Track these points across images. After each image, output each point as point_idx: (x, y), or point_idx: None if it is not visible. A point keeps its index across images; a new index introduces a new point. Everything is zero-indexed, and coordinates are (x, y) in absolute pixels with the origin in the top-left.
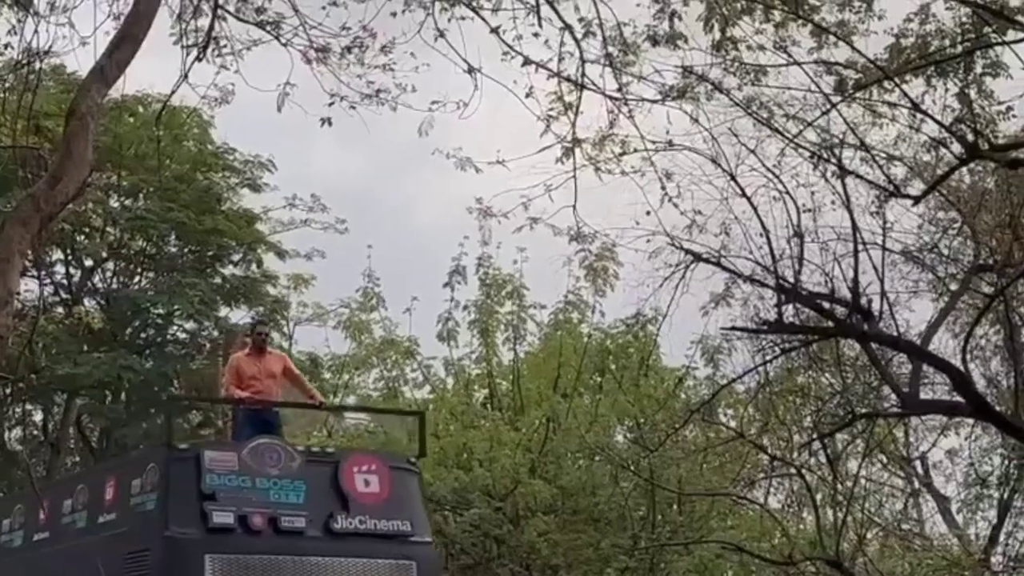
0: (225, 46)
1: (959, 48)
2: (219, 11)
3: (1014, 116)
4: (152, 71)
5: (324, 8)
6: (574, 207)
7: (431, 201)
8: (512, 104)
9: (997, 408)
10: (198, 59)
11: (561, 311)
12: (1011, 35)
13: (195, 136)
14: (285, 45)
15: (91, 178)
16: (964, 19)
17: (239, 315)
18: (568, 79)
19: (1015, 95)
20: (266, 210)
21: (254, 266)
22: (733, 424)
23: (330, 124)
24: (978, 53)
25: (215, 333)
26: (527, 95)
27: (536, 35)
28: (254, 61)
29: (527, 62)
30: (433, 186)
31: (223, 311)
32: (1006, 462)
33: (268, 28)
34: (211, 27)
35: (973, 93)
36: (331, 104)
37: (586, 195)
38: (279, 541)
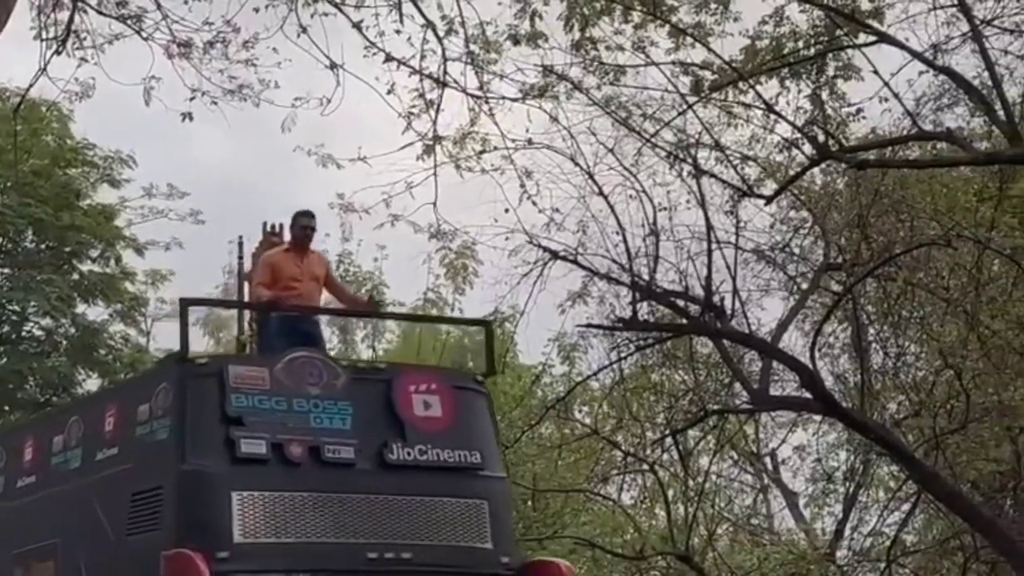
0: (86, 39)
1: (812, 51)
2: (79, 4)
3: (864, 118)
4: (11, 64)
5: (187, 3)
6: (434, 204)
7: (303, 195)
8: (375, 101)
9: (844, 405)
10: (57, 52)
11: (420, 309)
12: (862, 38)
13: (55, 131)
14: (147, 39)
15: None
16: (817, 22)
17: (96, 312)
18: (430, 76)
19: (865, 97)
20: (123, 201)
21: (112, 262)
22: (588, 421)
23: (191, 119)
24: (830, 56)
25: (72, 331)
26: (389, 92)
27: (398, 32)
28: (116, 55)
29: (389, 59)
30: (305, 180)
31: (80, 308)
32: (852, 458)
33: (129, 22)
34: (71, 20)
35: (825, 95)
36: (192, 99)
37: (447, 192)
38: (322, 475)
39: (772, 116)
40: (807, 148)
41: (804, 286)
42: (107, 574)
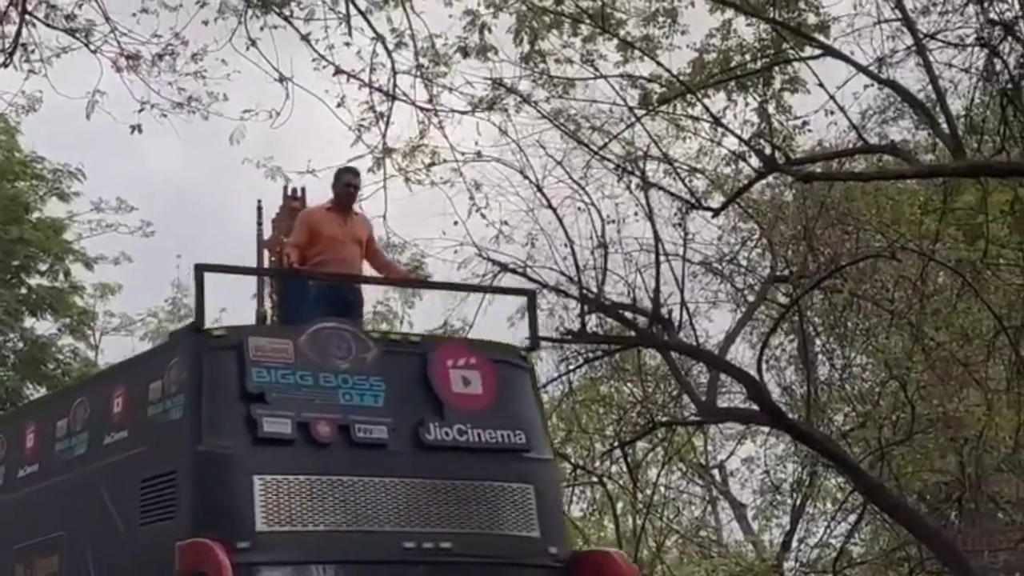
0: (33, 52)
1: (759, 64)
2: (27, 17)
3: (810, 131)
4: None
5: (135, 15)
6: (384, 217)
7: (253, 208)
8: (325, 113)
9: (791, 416)
10: (4, 65)
11: (370, 322)
12: (808, 52)
13: (2, 144)
14: (95, 52)
15: None
16: (764, 36)
17: (45, 326)
18: (379, 89)
19: (812, 110)
20: (71, 215)
21: (61, 276)
22: None
23: (140, 131)
24: (777, 69)
25: (20, 345)
26: (339, 105)
27: (348, 45)
28: (65, 67)
29: (338, 72)
30: (255, 193)
31: (28, 322)
32: (799, 469)
33: (78, 35)
34: (18, 33)
35: (772, 108)
36: (140, 111)
37: (396, 205)
38: (353, 456)
39: (720, 129)
40: (754, 161)
41: (751, 298)
42: (117, 568)
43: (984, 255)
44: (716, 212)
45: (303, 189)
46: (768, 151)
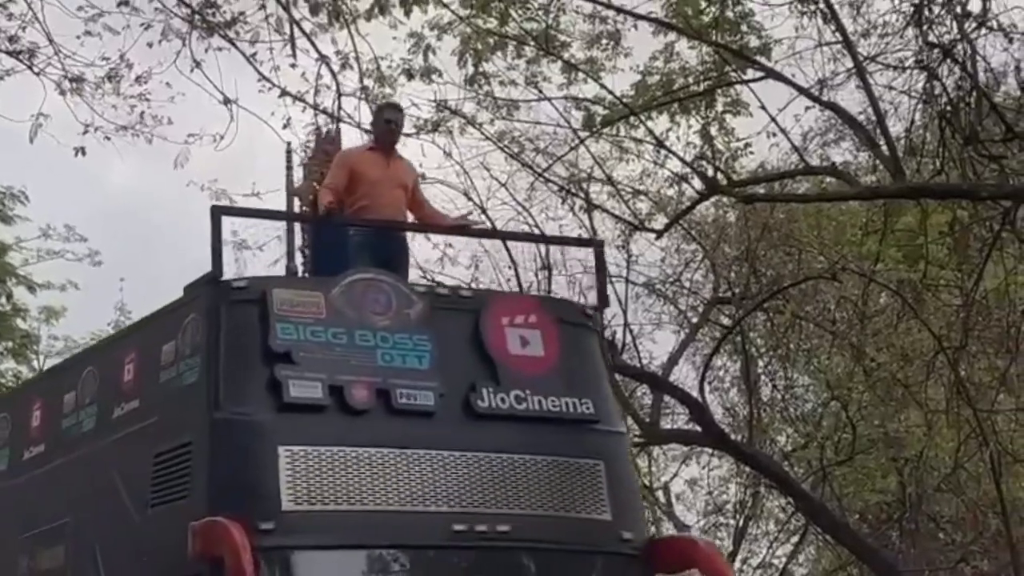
0: None
1: (702, 86)
2: None
3: (752, 153)
4: None
5: (79, 37)
6: None
7: (199, 231)
8: (270, 136)
9: (734, 438)
10: None
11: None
12: (750, 74)
13: None
14: (38, 75)
15: None
16: (706, 58)
17: None
18: (324, 111)
19: (754, 132)
20: (18, 240)
21: (3, 299)
22: None
23: (84, 154)
24: (719, 92)
25: None
26: (284, 127)
27: (293, 67)
28: (7, 90)
29: (284, 93)
30: (202, 216)
31: None
32: (742, 490)
33: (21, 57)
34: None
35: (714, 130)
36: (84, 133)
37: None
38: (394, 425)
39: (663, 151)
40: (697, 183)
41: (695, 319)
42: (127, 557)
43: (924, 276)
44: (659, 234)
45: (338, 131)
46: (711, 173)
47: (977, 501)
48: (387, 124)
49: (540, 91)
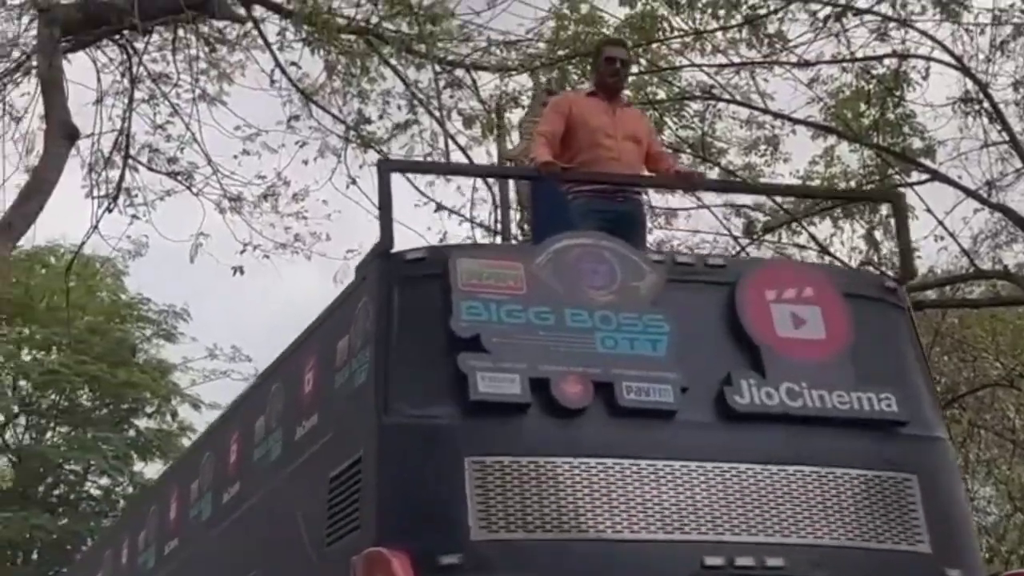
0: (136, 196)
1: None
2: (130, 162)
3: (920, 257)
4: (64, 221)
5: (236, 157)
6: None
7: None
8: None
9: None
10: (108, 210)
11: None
12: (915, 177)
13: (108, 286)
14: (197, 195)
15: (1, 332)
16: (868, 162)
17: (154, 469)
18: (481, 225)
19: (921, 236)
20: (186, 361)
21: (169, 418)
22: None
23: (242, 273)
24: None
25: (130, 489)
26: (440, 241)
27: (448, 181)
28: (168, 209)
29: (440, 208)
30: None
31: (138, 466)
32: None
33: (180, 178)
34: (122, 178)
35: (879, 234)
36: (243, 252)
37: None
38: (621, 429)
39: (827, 257)
40: None
41: None
42: None
43: None
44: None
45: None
46: None
47: None
48: (609, 64)
49: (698, 198)
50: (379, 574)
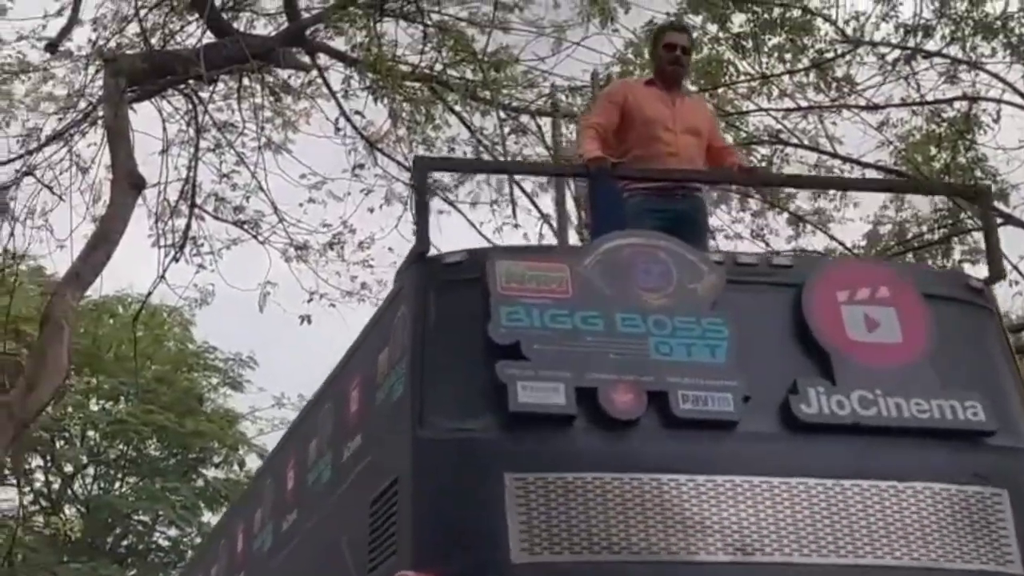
0: (203, 245)
1: (936, 235)
2: (196, 211)
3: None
4: (131, 271)
5: (301, 205)
6: None
7: None
8: None
9: None
10: (175, 259)
11: None
12: None
13: (176, 336)
14: (263, 243)
15: (70, 382)
16: (940, 205)
17: None
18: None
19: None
20: (253, 410)
21: (236, 467)
22: None
23: (309, 322)
24: (955, 239)
25: (198, 540)
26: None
27: (516, 227)
28: (234, 257)
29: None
30: None
31: (206, 516)
32: None
33: (246, 227)
34: (187, 227)
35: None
36: (309, 301)
37: None
38: (676, 442)
39: None
40: None
41: None
42: None
43: None
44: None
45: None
46: None
47: None
48: (669, 51)
49: (767, 243)
50: None
